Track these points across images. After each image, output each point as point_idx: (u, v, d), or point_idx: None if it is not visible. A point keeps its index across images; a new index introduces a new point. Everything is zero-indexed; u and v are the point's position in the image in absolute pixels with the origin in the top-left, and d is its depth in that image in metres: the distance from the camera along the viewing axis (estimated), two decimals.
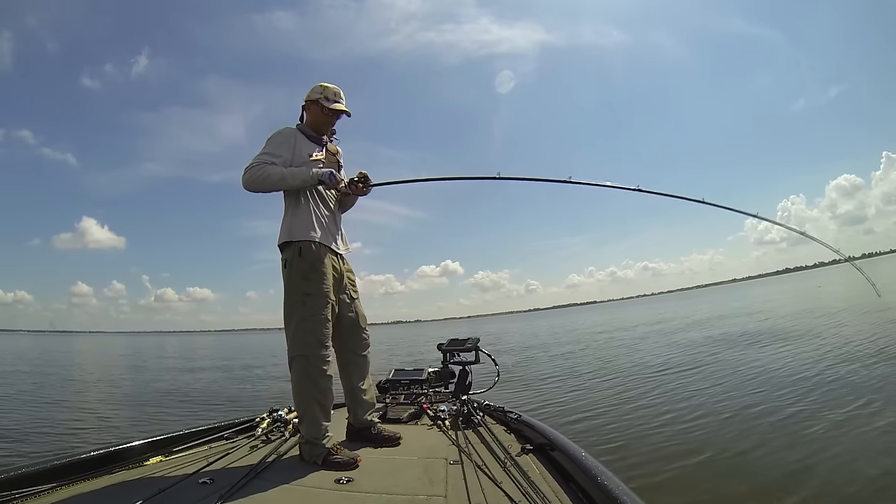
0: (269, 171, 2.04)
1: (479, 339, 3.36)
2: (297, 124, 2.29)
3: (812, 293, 28.39)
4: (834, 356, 7.12)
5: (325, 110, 2.25)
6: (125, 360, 21.00)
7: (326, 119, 2.28)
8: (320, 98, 2.24)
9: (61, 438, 5.28)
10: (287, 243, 2.09)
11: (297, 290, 2.03)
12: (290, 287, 2.05)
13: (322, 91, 2.24)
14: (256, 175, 2.03)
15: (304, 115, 2.30)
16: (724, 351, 9.22)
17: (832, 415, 4.33)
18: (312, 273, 2.05)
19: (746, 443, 3.85)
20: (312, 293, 2.04)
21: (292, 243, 2.07)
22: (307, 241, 2.07)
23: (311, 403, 1.99)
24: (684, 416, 4.82)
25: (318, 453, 1.92)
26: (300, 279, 2.03)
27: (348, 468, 1.86)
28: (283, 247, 2.11)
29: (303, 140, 2.20)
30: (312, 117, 2.28)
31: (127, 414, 7.13)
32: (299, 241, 2.06)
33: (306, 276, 2.03)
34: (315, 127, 2.28)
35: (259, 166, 2.04)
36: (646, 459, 3.66)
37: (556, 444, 1.83)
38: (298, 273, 2.03)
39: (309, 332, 2.01)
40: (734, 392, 5.66)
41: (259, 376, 12.40)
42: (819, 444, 3.67)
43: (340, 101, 2.28)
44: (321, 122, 2.28)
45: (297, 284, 2.03)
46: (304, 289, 2.03)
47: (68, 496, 1.58)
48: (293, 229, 2.09)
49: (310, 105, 2.26)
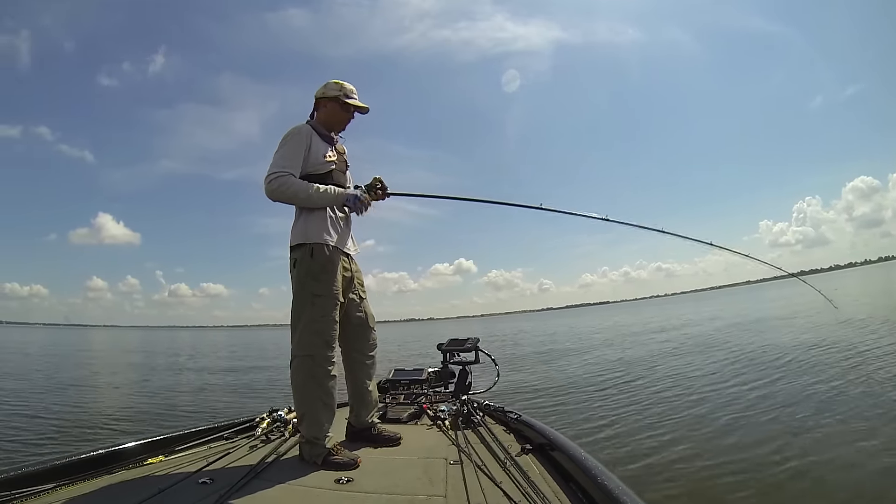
0: (295, 189, 2.01)
1: (478, 339, 3.35)
2: (308, 121, 2.23)
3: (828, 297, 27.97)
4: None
5: (347, 107, 2.21)
6: (130, 356, 20.98)
7: (346, 116, 2.24)
8: (339, 95, 2.19)
9: (61, 439, 5.28)
10: (300, 244, 2.06)
11: (306, 290, 2.02)
12: (299, 287, 2.04)
13: (340, 88, 2.19)
14: (283, 190, 1.99)
15: (317, 112, 2.25)
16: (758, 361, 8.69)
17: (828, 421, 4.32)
18: (323, 274, 2.03)
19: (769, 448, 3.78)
20: (322, 294, 2.02)
21: (304, 245, 2.05)
22: (321, 244, 2.05)
23: (315, 403, 1.98)
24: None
25: (318, 453, 1.91)
26: (310, 280, 2.02)
27: (348, 469, 1.85)
28: (294, 247, 2.08)
29: (317, 139, 2.15)
30: (329, 114, 2.22)
31: (127, 412, 7.13)
32: (312, 244, 2.04)
33: (317, 277, 2.02)
34: (330, 124, 2.24)
35: (285, 178, 1.99)
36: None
37: (556, 444, 1.83)
38: (308, 274, 2.02)
39: (316, 333, 2.00)
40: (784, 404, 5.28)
41: (263, 375, 12.37)
42: (834, 449, 3.60)
43: (357, 99, 2.24)
44: (340, 120, 2.24)
45: (306, 285, 2.02)
46: (313, 290, 2.02)
47: (68, 496, 1.58)
48: (308, 232, 2.06)
49: (327, 102, 2.20)
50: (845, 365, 6.82)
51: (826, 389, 5.54)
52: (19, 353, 20.99)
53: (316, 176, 2.11)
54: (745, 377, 6.84)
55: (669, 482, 3.35)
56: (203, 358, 19.73)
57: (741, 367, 7.72)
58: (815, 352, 8.29)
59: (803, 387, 5.79)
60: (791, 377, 6.46)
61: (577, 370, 9.36)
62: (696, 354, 9.96)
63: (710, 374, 7.47)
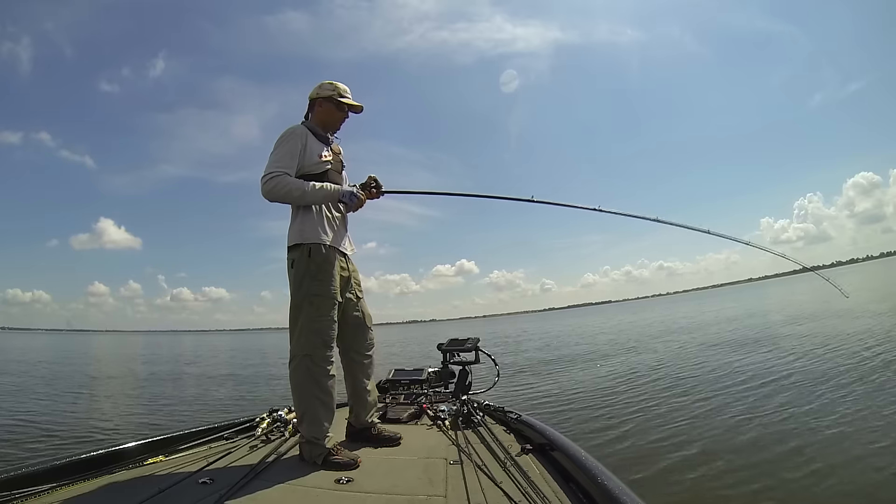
0: (291, 187, 2.01)
1: (478, 339, 3.35)
2: (303, 122, 2.24)
3: (830, 292, 27.55)
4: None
5: (342, 106, 2.23)
6: (131, 360, 20.89)
7: (341, 115, 2.26)
8: (334, 94, 2.21)
9: (63, 439, 5.28)
10: (297, 245, 2.07)
11: (304, 290, 2.03)
12: (297, 287, 2.04)
13: (334, 88, 2.21)
14: (279, 189, 2.00)
15: (312, 113, 2.26)
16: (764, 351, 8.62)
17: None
18: (321, 274, 2.04)
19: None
20: (320, 294, 2.03)
21: (302, 245, 2.05)
22: (318, 244, 2.06)
23: (314, 402, 1.98)
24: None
25: (318, 453, 1.92)
26: (308, 280, 2.02)
27: (349, 469, 1.86)
28: (291, 248, 2.09)
29: (312, 140, 2.16)
30: (325, 114, 2.23)
31: (127, 414, 7.13)
32: (309, 244, 2.05)
33: (314, 277, 2.03)
34: (326, 124, 2.25)
35: (280, 178, 2.01)
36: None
37: (556, 444, 1.83)
38: (307, 274, 2.02)
39: (315, 333, 2.00)
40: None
41: (263, 377, 12.35)
42: (844, 452, 3.49)
43: (350, 97, 2.26)
44: (336, 119, 2.26)
45: (304, 285, 2.03)
46: (311, 290, 2.02)
47: (68, 496, 1.58)
48: (304, 232, 2.07)
49: (322, 102, 2.22)
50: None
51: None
52: (21, 358, 20.97)
53: (312, 176, 2.12)
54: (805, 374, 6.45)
55: (678, 483, 3.28)
56: (202, 361, 19.68)
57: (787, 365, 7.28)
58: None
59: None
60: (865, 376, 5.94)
61: (586, 375, 8.97)
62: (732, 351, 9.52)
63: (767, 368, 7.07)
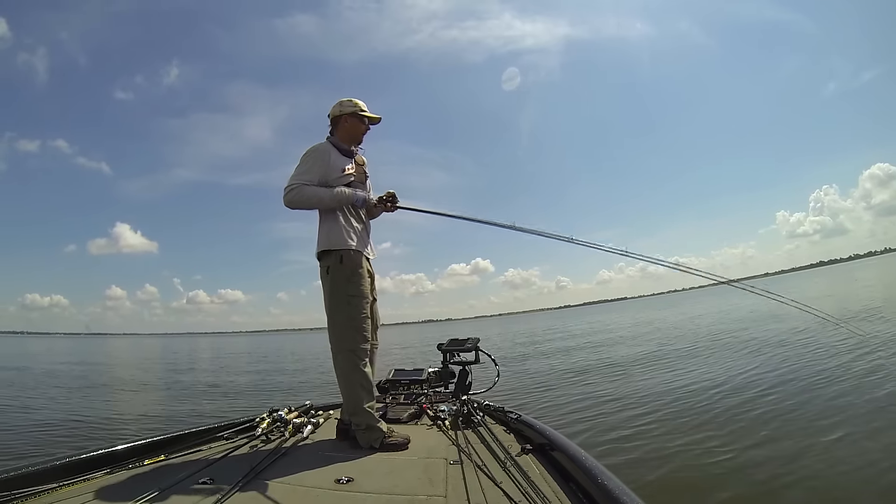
0: (309, 195, 2.26)
1: (478, 339, 3.35)
2: (329, 138, 2.45)
3: (852, 285, 26.67)
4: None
5: (363, 119, 2.44)
6: (147, 363, 20.85)
7: (364, 128, 2.48)
8: (356, 110, 2.42)
9: (65, 440, 5.28)
10: (326, 252, 2.29)
11: (341, 292, 2.25)
12: (334, 290, 2.27)
13: (355, 105, 2.43)
14: (298, 198, 2.25)
15: (336, 130, 2.46)
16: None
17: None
18: (354, 277, 2.27)
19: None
20: (356, 294, 2.27)
21: (332, 252, 2.28)
22: (346, 250, 2.28)
23: (361, 392, 2.19)
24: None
25: (376, 437, 2.12)
26: (345, 282, 2.25)
27: (402, 448, 2.09)
28: (321, 255, 2.32)
29: (336, 155, 2.37)
30: (352, 129, 2.44)
31: (136, 415, 7.13)
32: (339, 250, 2.27)
33: (349, 279, 2.26)
34: (351, 138, 2.46)
35: (299, 188, 2.25)
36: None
37: (556, 444, 1.83)
38: (342, 277, 2.25)
39: (355, 329, 2.24)
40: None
41: (267, 378, 12.31)
42: (834, 452, 3.36)
43: (368, 111, 2.47)
44: (360, 132, 2.47)
45: (341, 287, 2.25)
46: (348, 291, 2.25)
47: (68, 496, 1.58)
48: (331, 239, 2.29)
49: (347, 118, 2.43)
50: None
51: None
52: (42, 361, 21.00)
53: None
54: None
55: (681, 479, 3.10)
56: (214, 363, 19.67)
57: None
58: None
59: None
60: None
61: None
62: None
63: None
